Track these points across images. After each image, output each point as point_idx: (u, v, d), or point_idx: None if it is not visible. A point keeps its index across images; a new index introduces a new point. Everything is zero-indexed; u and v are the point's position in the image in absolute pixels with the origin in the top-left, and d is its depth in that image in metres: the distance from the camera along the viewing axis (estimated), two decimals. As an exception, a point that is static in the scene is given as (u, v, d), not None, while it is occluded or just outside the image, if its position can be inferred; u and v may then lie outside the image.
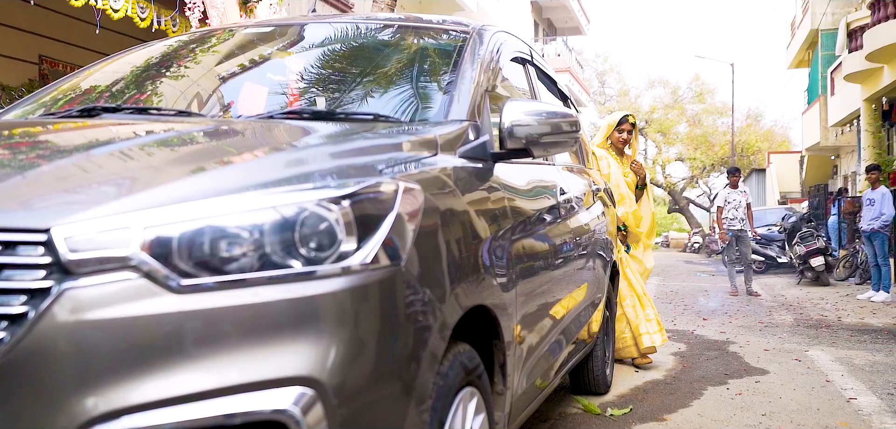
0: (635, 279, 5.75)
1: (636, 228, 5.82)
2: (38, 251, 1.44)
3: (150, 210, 1.52)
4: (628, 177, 5.92)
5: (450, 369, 1.94)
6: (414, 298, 1.77)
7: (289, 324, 1.53)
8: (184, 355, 1.45)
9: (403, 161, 2.01)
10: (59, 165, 1.75)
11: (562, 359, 3.43)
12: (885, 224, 11.37)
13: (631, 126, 6.00)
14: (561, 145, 2.59)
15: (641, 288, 5.77)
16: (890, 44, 15.20)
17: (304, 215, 1.59)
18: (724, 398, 4.87)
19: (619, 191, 5.68)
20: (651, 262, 6.11)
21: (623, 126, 5.96)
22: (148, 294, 1.46)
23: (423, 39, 3.09)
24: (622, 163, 5.95)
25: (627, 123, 5.98)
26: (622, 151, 5.99)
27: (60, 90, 2.86)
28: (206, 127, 2.27)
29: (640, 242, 5.92)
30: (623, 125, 5.97)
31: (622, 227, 5.66)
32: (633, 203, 5.84)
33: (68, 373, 1.40)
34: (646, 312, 5.70)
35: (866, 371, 5.80)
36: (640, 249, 5.95)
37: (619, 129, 5.96)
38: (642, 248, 5.97)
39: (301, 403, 1.49)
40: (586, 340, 4.09)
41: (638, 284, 5.75)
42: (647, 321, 5.68)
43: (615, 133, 5.96)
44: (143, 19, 6.67)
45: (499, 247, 2.38)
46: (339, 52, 3.09)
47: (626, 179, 5.88)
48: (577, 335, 3.72)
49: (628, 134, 5.96)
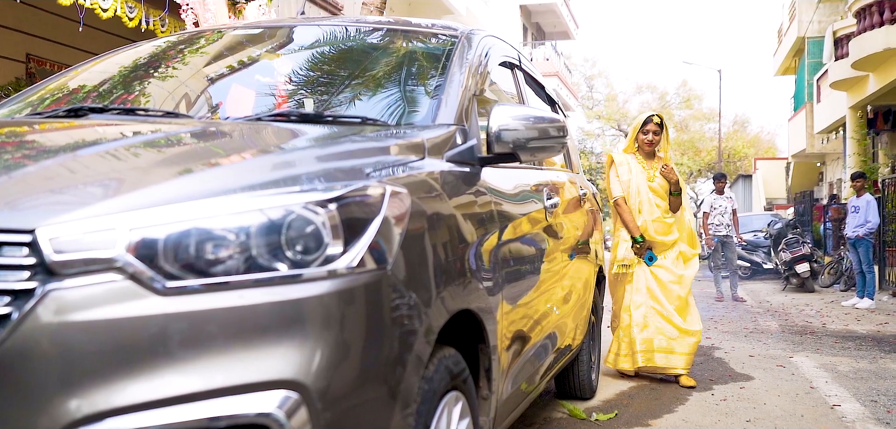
0: (659, 291, 5.39)
1: (657, 237, 5.42)
2: (22, 252, 1.44)
3: (135, 212, 1.51)
4: (654, 182, 5.49)
5: (435, 374, 1.94)
6: (400, 301, 1.77)
7: (274, 327, 1.53)
8: (168, 358, 1.44)
9: (391, 165, 2.01)
10: (45, 166, 1.74)
11: (547, 363, 3.44)
12: (869, 231, 11.45)
13: (657, 126, 5.54)
14: (548, 150, 2.60)
15: (670, 301, 5.38)
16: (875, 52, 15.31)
17: (290, 218, 1.59)
18: (709, 404, 4.89)
19: (639, 197, 5.44)
20: (690, 271, 5.51)
21: (647, 127, 5.53)
22: (133, 296, 1.45)
23: (412, 43, 3.09)
24: (652, 166, 5.54)
25: (652, 124, 5.54)
26: (652, 154, 5.58)
27: (47, 89, 2.85)
28: (193, 128, 2.27)
29: (669, 250, 5.47)
30: (647, 126, 5.53)
31: (641, 238, 5.39)
32: (655, 210, 5.45)
33: (52, 374, 1.40)
34: (662, 324, 5.35)
35: (850, 378, 5.83)
36: (670, 259, 5.46)
37: (643, 131, 5.54)
38: (675, 257, 5.48)
39: (286, 406, 1.49)
40: (572, 345, 4.10)
41: (662, 295, 5.38)
42: (644, 341, 5.36)
43: (640, 135, 5.55)
44: (131, 19, 6.65)
45: (485, 251, 2.38)
46: (328, 55, 3.09)
47: (652, 184, 5.49)
48: (562, 340, 3.73)
49: (655, 135, 5.51)
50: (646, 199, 5.47)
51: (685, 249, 5.56)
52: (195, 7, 6.60)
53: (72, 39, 7.58)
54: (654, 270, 5.44)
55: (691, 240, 5.62)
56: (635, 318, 5.42)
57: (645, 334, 5.40)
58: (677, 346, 5.38)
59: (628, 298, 5.48)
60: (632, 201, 5.48)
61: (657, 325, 5.38)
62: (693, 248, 5.59)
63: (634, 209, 5.47)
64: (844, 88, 18.80)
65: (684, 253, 5.55)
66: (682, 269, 5.49)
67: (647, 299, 5.41)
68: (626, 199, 5.48)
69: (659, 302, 5.40)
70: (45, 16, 7.48)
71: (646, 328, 5.40)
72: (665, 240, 5.47)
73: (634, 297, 5.45)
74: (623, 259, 5.49)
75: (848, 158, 19.38)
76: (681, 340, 5.38)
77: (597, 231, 4.78)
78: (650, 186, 5.50)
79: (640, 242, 5.41)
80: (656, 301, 5.40)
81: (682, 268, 5.50)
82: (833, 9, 22.45)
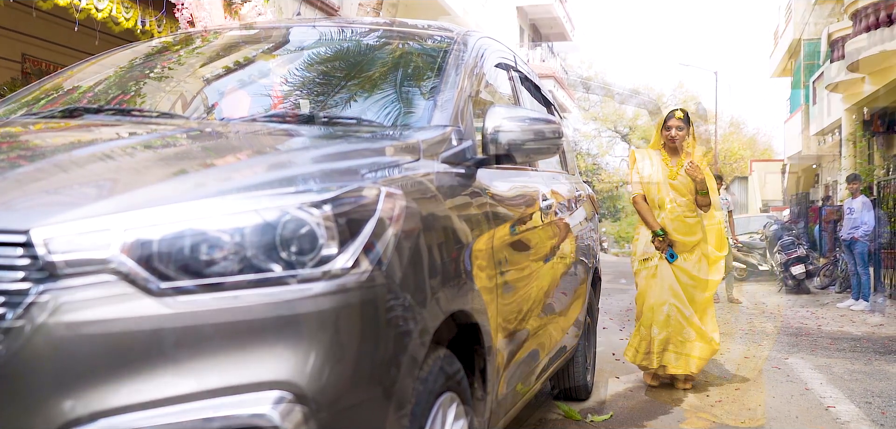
0: (681, 291, 5.23)
1: (677, 235, 5.25)
2: (17, 252, 1.44)
3: (130, 212, 1.52)
4: (677, 180, 5.29)
5: (430, 375, 1.95)
6: (395, 303, 1.78)
7: (269, 328, 1.53)
8: (163, 359, 1.44)
9: (386, 166, 2.01)
10: (40, 166, 1.74)
11: (542, 364, 3.44)
12: (865, 234, 11.47)
13: (679, 122, 5.32)
14: (544, 152, 2.60)
15: (690, 302, 5.25)
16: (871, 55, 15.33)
17: (285, 219, 1.59)
18: (704, 405, 4.90)
19: (659, 194, 5.29)
20: (714, 275, 5.38)
21: (670, 123, 5.32)
22: (127, 297, 1.45)
23: (408, 44, 3.09)
24: (677, 163, 5.32)
25: (674, 119, 5.32)
26: (677, 150, 5.35)
27: (43, 90, 2.85)
28: (188, 129, 2.27)
29: (692, 251, 5.30)
30: (670, 122, 5.33)
31: (661, 232, 5.23)
32: (676, 208, 5.27)
33: (46, 375, 1.40)
34: (681, 323, 5.21)
35: (845, 379, 5.85)
36: (692, 261, 5.29)
37: (666, 127, 5.35)
38: (697, 259, 5.31)
39: (280, 407, 1.49)
40: (567, 346, 4.11)
41: (684, 295, 5.23)
42: (660, 342, 5.21)
43: (663, 132, 5.37)
44: (127, 20, 6.65)
45: (480, 252, 2.38)
46: (324, 56, 3.09)
47: (674, 182, 5.30)
48: (557, 341, 3.74)
49: (678, 131, 5.28)
50: (666, 196, 5.31)
51: (710, 251, 5.39)
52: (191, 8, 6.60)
53: (68, 41, 7.57)
54: (675, 270, 5.27)
55: (719, 242, 5.45)
56: (656, 316, 5.27)
57: (663, 334, 5.24)
58: (693, 349, 5.23)
59: (651, 295, 5.31)
60: (653, 197, 5.33)
61: (677, 323, 5.23)
62: (720, 250, 5.42)
63: (654, 205, 5.32)
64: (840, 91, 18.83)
65: (708, 255, 5.38)
66: (704, 272, 5.33)
67: (670, 297, 5.25)
68: (645, 195, 5.36)
69: (681, 301, 5.25)
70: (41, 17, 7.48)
71: (665, 327, 5.24)
72: (686, 240, 5.29)
73: (658, 294, 5.27)
74: (643, 254, 5.35)
75: (844, 161, 19.42)
76: (698, 344, 5.24)
77: (592, 233, 4.78)
78: (671, 184, 5.32)
79: (661, 236, 5.24)
80: (678, 300, 5.25)
81: (705, 271, 5.34)
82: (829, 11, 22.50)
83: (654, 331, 5.27)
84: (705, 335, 5.27)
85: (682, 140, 5.35)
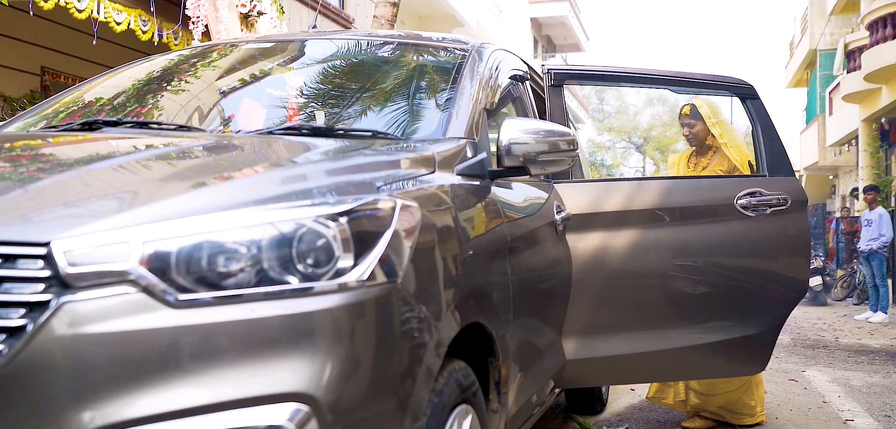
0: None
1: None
2: (37, 264, 1.45)
3: (148, 225, 1.53)
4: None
5: (445, 387, 1.94)
6: (410, 315, 1.78)
7: (285, 340, 1.53)
8: (180, 370, 1.45)
9: (401, 178, 2.02)
10: (60, 179, 1.76)
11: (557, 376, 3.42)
12: (883, 245, 11.39)
13: (686, 118, 4.78)
14: (558, 163, 2.60)
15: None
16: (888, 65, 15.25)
17: (301, 232, 1.60)
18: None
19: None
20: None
21: (682, 123, 4.85)
22: (145, 309, 1.47)
23: (423, 56, 3.11)
24: (700, 163, 4.80)
25: (682, 119, 4.84)
26: (702, 147, 4.82)
27: (62, 103, 2.88)
28: (205, 142, 2.28)
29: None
30: (682, 122, 4.85)
31: None
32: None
33: (65, 386, 1.41)
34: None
35: (863, 392, 5.80)
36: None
37: (682, 124, 4.85)
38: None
39: (296, 419, 1.50)
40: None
41: None
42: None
43: (684, 130, 4.87)
44: (144, 32, 6.71)
45: (495, 265, 2.38)
46: (339, 69, 3.11)
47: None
48: (573, 353, 3.71)
49: (689, 128, 4.77)
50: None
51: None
52: (208, 21, 6.65)
53: (86, 53, 7.63)
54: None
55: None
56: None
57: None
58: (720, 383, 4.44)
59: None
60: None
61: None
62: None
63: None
64: (857, 101, 18.73)
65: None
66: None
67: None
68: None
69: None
70: (60, 29, 7.55)
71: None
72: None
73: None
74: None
75: (861, 171, 19.29)
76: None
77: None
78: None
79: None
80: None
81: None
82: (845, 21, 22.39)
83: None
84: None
85: (699, 134, 4.82)
